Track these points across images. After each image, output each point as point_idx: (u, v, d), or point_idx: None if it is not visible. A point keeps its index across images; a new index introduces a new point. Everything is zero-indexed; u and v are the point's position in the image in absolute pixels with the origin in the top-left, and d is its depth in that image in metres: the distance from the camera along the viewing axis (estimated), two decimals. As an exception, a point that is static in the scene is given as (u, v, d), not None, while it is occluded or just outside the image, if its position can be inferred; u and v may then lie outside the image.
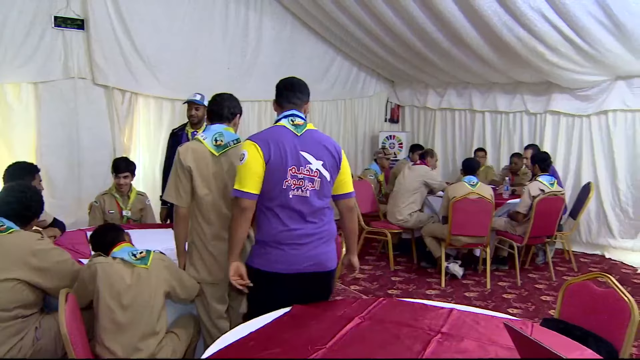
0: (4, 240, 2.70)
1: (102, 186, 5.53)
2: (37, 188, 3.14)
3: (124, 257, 2.71)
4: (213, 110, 3.08)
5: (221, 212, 2.99)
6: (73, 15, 5.85)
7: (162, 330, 2.75)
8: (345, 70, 8.51)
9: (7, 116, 5.52)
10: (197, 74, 6.55)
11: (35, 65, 5.64)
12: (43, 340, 2.77)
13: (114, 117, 6.09)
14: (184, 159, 2.94)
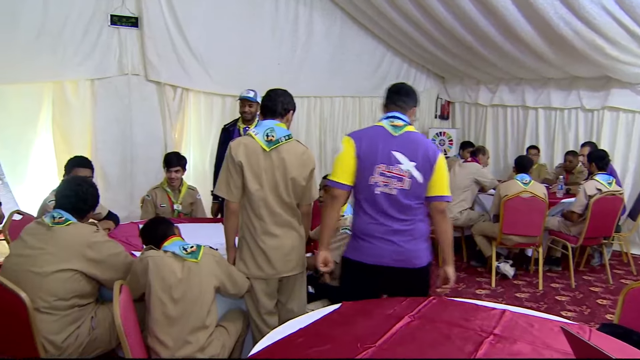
0: (62, 231, 2.78)
1: (153, 181, 5.65)
2: (93, 182, 3.21)
3: (175, 250, 2.75)
4: (267, 105, 3.08)
5: (271, 207, 2.99)
6: (128, 13, 5.99)
7: (212, 324, 2.77)
8: (396, 67, 8.41)
9: (66, 112, 5.71)
10: (248, 69, 6.60)
11: (93, 62, 5.80)
12: (98, 329, 2.85)
13: (165, 113, 6.21)
14: (236, 154, 2.95)
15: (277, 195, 2.99)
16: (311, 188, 3.13)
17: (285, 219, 3.03)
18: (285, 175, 2.97)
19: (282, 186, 2.98)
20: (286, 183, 2.99)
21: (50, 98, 5.71)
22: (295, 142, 3.06)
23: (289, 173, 2.98)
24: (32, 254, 2.74)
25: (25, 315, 2.55)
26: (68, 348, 2.73)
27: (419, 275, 2.89)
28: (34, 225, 2.89)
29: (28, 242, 2.80)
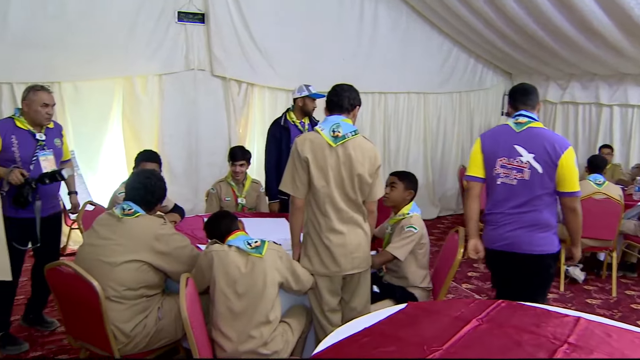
0: (131, 223, 2.84)
1: (218, 175, 5.74)
2: (161, 175, 3.26)
3: (239, 245, 2.76)
4: (333, 100, 3.04)
5: (337, 204, 2.95)
6: (195, 9, 6.11)
7: (276, 319, 2.77)
8: (462, 63, 8.21)
9: (136, 107, 5.88)
10: (312, 65, 6.60)
11: (161, 58, 5.96)
12: (164, 320, 2.89)
13: (230, 108, 6.30)
14: (302, 150, 2.93)
15: (343, 192, 2.96)
16: (377, 185, 3.07)
17: (350, 216, 2.99)
18: (352, 172, 2.93)
19: (348, 183, 2.94)
20: (352, 179, 2.95)
21: (120, 93, 5.91)
22: (361, 138, 3.02)
23: (356, 170, 2.94)
24: (103, 244, 2.81)
25: (97, 303, 2.63)
26: (136, 337, 2.79)
27: (529, 261, 3.09)
28: (105, 216, 2.97)
29: (99, 232, 2.88)
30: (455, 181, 8.06)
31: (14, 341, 3.72)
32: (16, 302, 3.91)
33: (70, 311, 2.93)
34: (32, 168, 3.61)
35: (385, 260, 3.45)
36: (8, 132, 3.56)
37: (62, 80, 5.67)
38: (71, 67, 5.60)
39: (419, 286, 3.48)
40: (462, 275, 5.37)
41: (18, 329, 3.97)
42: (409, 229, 3.42)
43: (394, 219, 3.61)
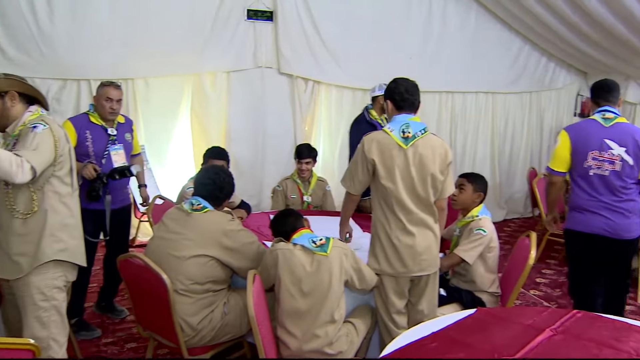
0: (200, 218, 2.88)
1: (283, 172, 5.78)
2: (229, 171, 3.30)
3: (304, 243, 2.75)
4: (407, 99, 2.96)
5: (406, 205, 2.89)
6: (263, 7, 6.16)
7: (341, 319, 2.74)
8: (533, 61, 7.90)
9: (204, 103, 6.00)
10: (379, 63, 6.50)
11: (229, 55, 6.04)
12: (230, 315, 2.92)
13: (296, 105, 6.32)
14: (368, 150, 2.89)
15: (413, 193, 2.90)
16: (448, 182, 3.00)
17: (420, 217, 2.93)
18: (423, 172, 2.87)
19: (418, 183, 2.88)
20: (423, 179, 2.89)
21: (189, 90, 6.04)
22: (431, 135, 2.95)
23: (428, 169, 2.87)
24: (172, 238, 2.87)
25: (166, 296, 2.68)
26: (202, 330, 2.83)
27: (626, 246, 3.42)
28: (174, 211, 3.02)
29: (169, 226, 2.93)
30: (523, 183, 7.81)
31: (87, 327, 3.86)
32: (89, 290, 4.07)
33: (140, 301, 3.01)
34: (104, 162, 3.74)
35: (453, 263, 3.37)
36: (83, 127, 3.70)
37: (135, 77, 5.85)
38: (143, 64, 5.76)
39: (487, 291, 3.38)
40: (530, 282, 5.19)
41: (91, 315, 4.13)
42: (478, 232, 3.33)
43: (462, 221, 3.52)
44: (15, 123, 2.58)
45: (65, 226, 2.62)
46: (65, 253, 2.60)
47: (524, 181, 7.76)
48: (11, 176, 2.34)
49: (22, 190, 2.52)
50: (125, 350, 3.65)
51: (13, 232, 2.53)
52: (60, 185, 2.60)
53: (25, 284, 2.55)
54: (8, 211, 2.52)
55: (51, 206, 2.56)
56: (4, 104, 2.55)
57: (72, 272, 2.71)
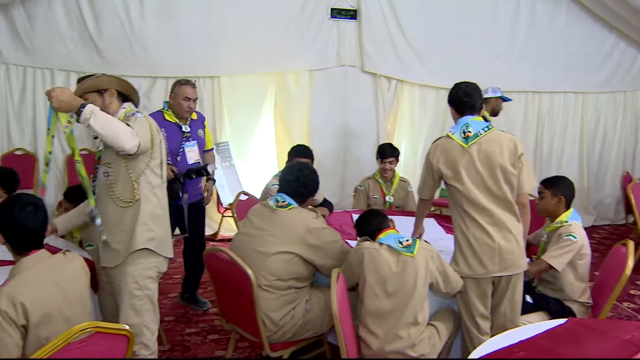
0: (285, 215, 2.91)
1: (365, 171, 5.76)
2: (314, 168, 3.31)
3: (391, 243, 2.72)
4: (467, 102, 2.93)
5: (480, 204, 2.82)
6: (347, 6, 6.18)
7: (424, 321, 2.70)
8: (628, 58, 7.41)
9: (287, 101, 6.09)
10: (463, 62, 6.36)
11: (313, 53, 6.10)
12: (312, 312, 2.93)
13: (379, 104, 6.29)
14: (432, 157, 2.94)
15: (485, 190, 2.83)
16: (523, 175, 2.90)
17: (498, 215, 2.84)
18: (491, 166, 2.82)
19: (489, 179, 2.82)
20: (493, 174, 2.82)
21: (273, 87, 6.15)
22: (496, 131, 2.90)
23: (495, 162, 2.81)
24: (257, 234, 2.91)
25: (250, 290, 2.72)
26: (284, 326, 2.85)
27: None
28: (259, 207, 3.07)
29: (254, 222, 2.98)
30: (615, 188, 7.41)
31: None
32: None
33: (224, 295, 3.07)
34: (179, 159, 3.84)
35: (541, 270, 3.23)
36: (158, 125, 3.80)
37: (221, 75, 6.01)
38: (229, 62, 5.93)
39: (577, 300, 3.22)
40: (623, 293, 4.90)
41: (176, 306, 4.27)
42: (568, 238, 3.18)
43: (551, 226, 3.38)
44: None
45: (156, 216, 2.71)
46: (153, 242, 2.68)
47: (615, 186, 7.36)
48: (125, 141, 2.44)
49: (123, 180, 2.62)
50: (208, 341, 3.75)
51: (114, 221, 2.65)
52: (153, 176, 2.70)
53: (122, 273, 2.66)
54: (112, 201, 2.64)
55: (144, 196, 2.66)
56: (103, 100, 2.66)
57: (164, 264, 2.81)
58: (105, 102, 2.67)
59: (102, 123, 2.41)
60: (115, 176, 2.63)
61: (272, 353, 2.89)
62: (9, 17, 5.64)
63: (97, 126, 2.40)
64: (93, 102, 2.60)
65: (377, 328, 2.65)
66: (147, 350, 2.73)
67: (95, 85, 2.66)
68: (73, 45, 5.75)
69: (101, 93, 2.67)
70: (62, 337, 1.87)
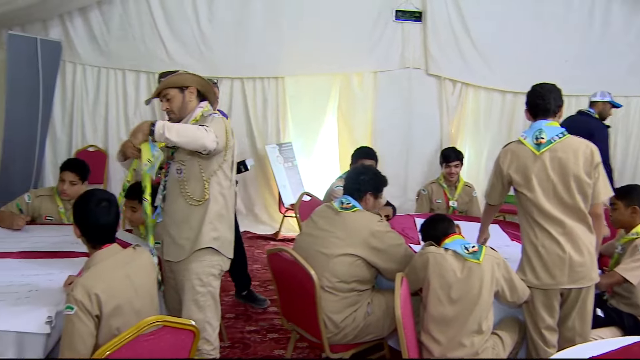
0: (349, 217, 2.90)
1: (427, 174, 5.71)
2: (377, 170, 3.29)
3: (456, 249, 2.66)
4: (538, 104, 2.82)
5: (549, 213, 2.72)
6: (412, 8, 6.14)
7: (488, 330, 2.63)
8: None
9: (351, 102, 6.11)
10: (531, 65, 6.17)
11: (377, 55, 6.10)
12: (373, 315, 2.90)
13: (443, 107, 6.22)
14: (502, 163, 2.83)
15: (557, 199, 2.72)
16: (599, 185, 2.76)
17: (569, 225, 2.73)
18: (565, 175, 2.70)
19: (562, 188, 2.71)
20: (566, 184, 2.70)
21: (337, 89, 6.17)
22: (572, 138, 2.76)
23: (569, 171, 2.69)
24: (321, 235, 2.91)
25: (312, 291, 2.72)
26: (345, 328, 2.84)
27: None
28: (324, 208, 3.07)
29: (318, 223, 2.98)
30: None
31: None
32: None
33: (286, 294, 3.09)
34: None
35: (614, 283, 3.08)
36: None
37: (285, 75, 6.07)
38: (294, 64, 5.99)
39: (655, 317, 3.07)
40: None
41: (234, 303, 4.33)
42: None
43: (625, 237, 3.22)
44: (188, 117, 2.76)
45: (221, 216, 2.76)
46: (217, 242, 2.73)
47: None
48: (202, 139, 2.46)
49: (195, 179, 2.68)
50: (267, 339, 3.78)
51: (182, 217, 2.71)
52: (223, 177, 2.74)
53: (186, 269, 2.72)
54: (182, 198, 2.70)
55: (213, 196, 2.71)
56: (183, 97, 2.73)
57: (227, 263, 2.85)
58: (185, 99, 2.74)
59: (177, 132, 2.46)
60: (188, 174, 2.69)
61: (332, 355, 2.89)
62: (87, 21, 5.91)
63: (173, 136, 2.45)
64: (174, 97, 2.70)
65: (440, 335, 2.60)
66: (210, 345, 2.78)
67: (178, 82, 2.74)
68: (143, 46, 5.97)
69: (182, 90, 2.74)
70: (132, 330, 1.93)
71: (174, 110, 2.74)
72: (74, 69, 6.07)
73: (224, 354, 3.44)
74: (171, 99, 2.73)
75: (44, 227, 3.50)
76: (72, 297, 2.01)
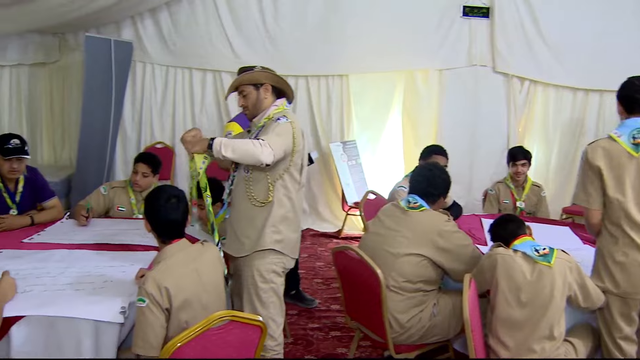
0: (416, 217, 2.86)
1: (493, 174, 5.58)
2: (444, 168, 3.22)
3: (526, 251, 2.58)
4: (635, 98, 2.62)
5: (635, 219, 2.57)
6: (480, 3, 6.02)
7: (560, 336, 2.53)
8: None
9: (416, 100, 6.04)
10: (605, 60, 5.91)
11: (443, 53, 6.01)
12: (439, 317, 2.86)
13: (510, 106, 6.08)
14: (592, 158, 2.62)
15: None
16: None
17: None
18: None
19: None
20: None
21: (402, 86, 6.12)
22: None
23: None
24: (388, 234, 2.88)
25: (378, 290, 2.70)
26: (410, 329, 2.81)
27: None
28: (390, 207, 3.04)
29: (385, 222, 2.96)
30: None
31: None
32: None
33: (350, 293, 3.07)
34: None
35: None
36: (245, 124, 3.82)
37: (349, 73, 6.07)
38: (358, 61, 5.98)
39: None
40: None
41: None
42: None
43: None
44: (262, 115, 2.79)
45: (286, 219, 2.77)
46: (280, 244, 2.74)
47: None
48: (257, 155, 2.49)
49: (261, 181, 2.71)
50: (330, 337, 3.78)
51: (245, 216, 2.75)
52: (290, 180, 2.75)
53: (248, 265, 2.75)
54: (246, 197, 2.73)
55: (278, 199, 2.72)
56: (258, 95, 2.77)
57: (290, 261, 2.86)
58: (260, 96, 2.77)
59: (233, 149, 2.50)
60: (254, 175, 2.72)
61: (396, 355, 2.86)
62: (156, 21, 6.09)
63: (229, 154, 2.50)
64: (249, 94, 2.75)
65: (509, 339, 2.53)
66: (274, 341, 2.81)
67: (252, 79, 2.78)
68: (210, 45, 6.09)
69: (257, 87, 2.77)
70: (202, 323, 1.98)
71: (249, 106, 2.79)
72: (144, 68, 6.27)
73: (287, 350, 3.46)
74: (246, 96, 2.78)
75: (116, 220, 3.64)
76: (143, 290, 2.08)
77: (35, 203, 3.58)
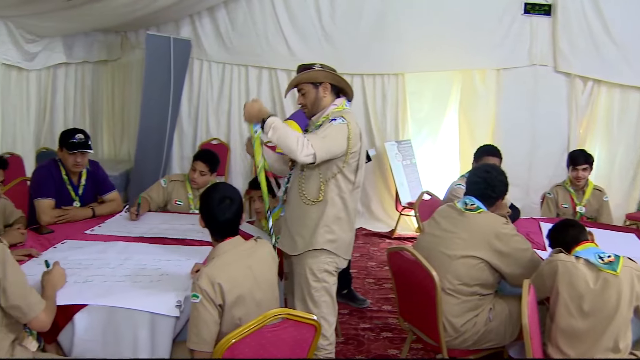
0: (473, 219, 2.80)
1: (551, 176, 5.42)
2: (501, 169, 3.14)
3: (590, 258, 2.48)
4: None
5: None
6: (542, 1, 5.82)
7: (626, 350, 2.42)
8: None
9: (473, 99, 5.93)
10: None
11: (502, 52, 5.87)
12: (494, 322, 2.78)
13: (572, 107, 5.88)
14: None
15: None
16: None
17: None
18: None
19: None
20: None
21: (458, 86, 6.02)
22: None
23: None
24: (444, 236, 2.83)
25: (433, 293, 2.65)
26: (465, 333, 2.75)
27: None
28: (446, 208, 2.98)
29: (441, 224, 2.90)
30: None
31: None
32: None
33: (404, 294, 3.03)
34: None
35: None
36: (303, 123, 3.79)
37: (406, 72, 6.01)
38: (414, 59, 5.91)
39: None
40: None
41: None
42: None
43: None
44: (321, 113, 2.78)
45: (339, 219, 2.75)
46: (333, 244, 2.73)
47: None
48: (294, 152, 2.50)
49: (313, 179, 2.71)
50: (381, 338, 3.75)
51: (297, 214, 2.76)
52: (344, 181, 2.73)
53: (300, 263, 2.76)
54: (299, 195, 2.74)
55: (331, 199, 2.71)
56: (317, 93, 2.77)
57: (343, 261, 2.84)
58: (319, 94, 2.77)
59: (278, 136, 2.51)
60: (309, 173, 2.72)
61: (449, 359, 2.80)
62: (214, 19, 6.21)
63: (274, 138, 2.52)
64: (307, 92, 2.75)
65: (569, 349, 2.44)
66: (326, 340, 2.80)
67: (311, 78, 2.77)
68: (266, 43, 6.16)
69: (316, 86, 2.77)
70: (258, 320, 1.99)
71: (308, 105, 2.80)
72: (201, 65, 6.40)
73: (338, 350, 3.45)
74: (305, 94, 2.78)
75: (174, 215, 3.71)
76: (197, 286, 2.10)
77: (96, 196, 3.70)
